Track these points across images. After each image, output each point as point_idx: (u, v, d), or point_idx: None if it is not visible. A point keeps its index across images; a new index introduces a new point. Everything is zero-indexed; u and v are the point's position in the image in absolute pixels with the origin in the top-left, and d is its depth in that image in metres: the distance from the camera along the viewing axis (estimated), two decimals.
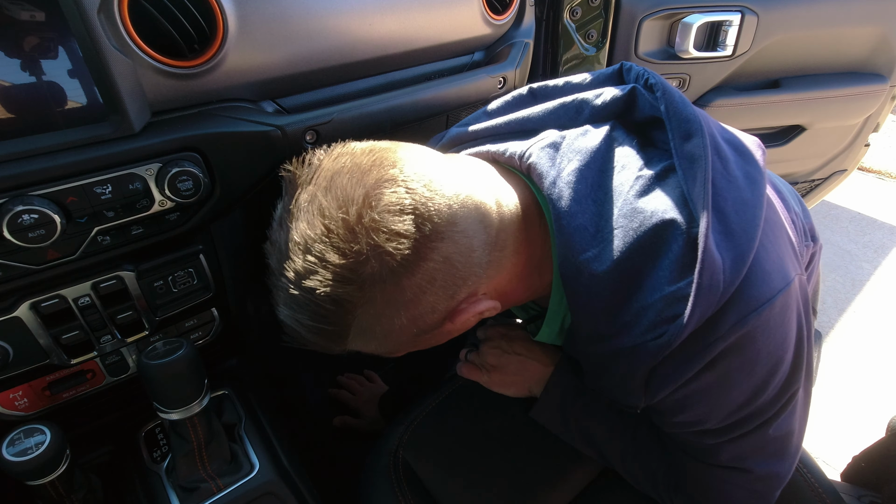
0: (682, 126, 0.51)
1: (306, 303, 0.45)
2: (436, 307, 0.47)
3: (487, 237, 0.48)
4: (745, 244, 0.47)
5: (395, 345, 0.51)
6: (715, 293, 0.45)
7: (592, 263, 0.49)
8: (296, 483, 0.74)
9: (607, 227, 0.50)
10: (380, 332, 0.48)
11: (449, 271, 0.46)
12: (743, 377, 0.50)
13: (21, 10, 0.46)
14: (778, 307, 0.48)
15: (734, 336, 0.47)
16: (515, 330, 0.82)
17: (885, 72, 1.35)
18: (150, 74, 0.54)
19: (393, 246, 0.42)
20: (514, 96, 0.66)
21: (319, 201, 0.44)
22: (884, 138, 3.32)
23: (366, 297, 0.45)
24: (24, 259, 0.54)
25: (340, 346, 0.50)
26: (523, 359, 0.77)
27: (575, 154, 0.53)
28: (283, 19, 0.62)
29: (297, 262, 0.44)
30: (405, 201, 0.43)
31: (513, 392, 0.79)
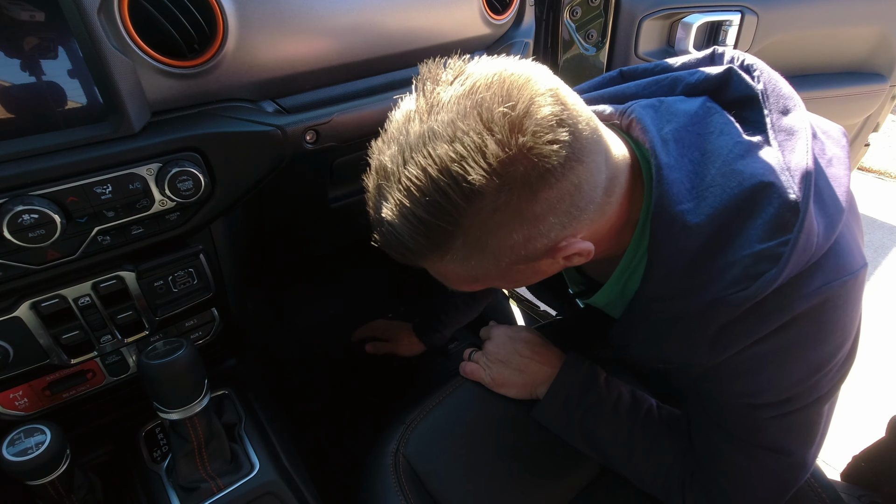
0: (781, 102, 0.53)
1: (433, 192, 0.43)
2: (549, 233, 0.47)
3: (606, 178, 0.49)
4: (835, 215, 0.49)
5: (490, 267, 0.49)
6: (807, 254, 0.47)
7: (688, 215, 0.50)
8: (296, 483, 0.74)
9: (703, 185, 0.51)
10: (491, 246, 0.46)
11: (575, 197, 0.46)
12: (814, 346, 0.51)
13: (21, 10, 0.46)
14: (856, 284, 0.51)
15: (816, 299, 0.49)
16: (520, 332, 0.82)
17: (885, 71, 1.35)
18: (150, 74, 0.54)
19: (549, 150, 0.42)
20: (603, 77, 0.67)
21: (478, 95, 0.43)
22: (884, 138, 3.32)
23: (500, 199, 0.43)
24: (24, 259, 0.54)
25: (439, 256, 0.48)
26: (527, 361, 0.78)
27: (673, 115, 0.55)
28: (283, 19, 0.62)
29: (439, 149, 0.43)
30: (563, 117, 0.44)
31: (515, 393, 0.79)
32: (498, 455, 0.76)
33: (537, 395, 0.77)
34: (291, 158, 0.66)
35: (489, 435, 0.78)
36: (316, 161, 0.77)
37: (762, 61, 0.58)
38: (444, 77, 0.47)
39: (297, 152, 0.66)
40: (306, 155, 0.67)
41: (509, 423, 0.80)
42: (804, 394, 0.55)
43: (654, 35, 1.18)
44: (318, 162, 0.78)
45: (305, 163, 0.73)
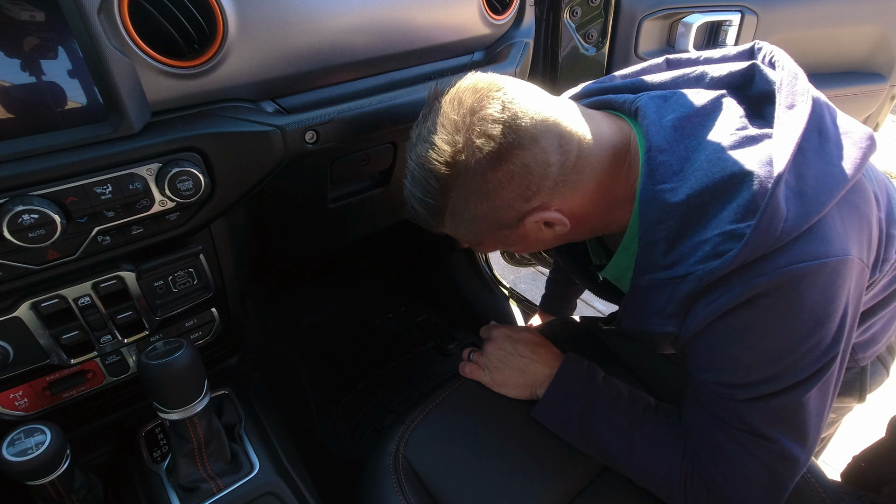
0: (790, 97, 0.56)
1: (420, 179, 0.59)
2: (511, 205, 0.58)
3: (565, 160, 0.57)
4: (813, 207, 0.52)
5: (479, 233, 0.63)
6: (771, 236, 0.50)
7: (667, 194, 0.56)
8: (296, 483, 0.74)
9: (690, 169, 0.56)
10: (467, 217, 0.60)
11: (525, 176, 0.56)
12: (780, 324, 0.53)
13: (21, 10, 0.46)
14: (829, 270, 0.52)
15: (778, 277, 0.51)
16: (520, 332, 0.83)
17: (885, 71, 1.35)
18: (150, 74, 0.54)
19: (482, 142, 0.54)
20: (650, 63, 0.73)
21: (443, 106, 0.57)
22: (884, 138, 3.32)
23: (458, 181, 0.57)
24: (24, 259, 0.54)
25: (439, 224, 0.63)
26: (527, 361, 0.78)
27: (680, 106, 0.61)
28: (283, 19, 0.62)
29: (420, 148, 0.58)
30: (497, 115, 0.54)
31: (515, 393, 0.79)
32: (498, 455, 0.76)
33: (536, 395, 0.77)
34: (291, 158, 0.66)
35: (489, 435, 0.78)
36: (316, 161, 0.77)
37: (789, 57, 0.61)
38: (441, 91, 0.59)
39: (297, 152, 0.66)
40: (306, 155, 0.67)
41: (509, 422, 0.80)
42: (777, 377, 0.56)
43: (654, 35, 1.18)
44: (318, 162, 0.78)
45: (305, 163, 0.73)
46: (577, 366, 0.76)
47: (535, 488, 0.73)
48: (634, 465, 0.69)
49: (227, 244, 0.74)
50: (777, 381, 0.56)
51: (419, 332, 1.51)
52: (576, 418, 0.72)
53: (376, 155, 0.82)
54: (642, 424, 0.70)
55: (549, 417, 0.75)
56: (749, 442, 0.60)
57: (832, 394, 0.59)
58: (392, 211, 1.11)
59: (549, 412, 0.75)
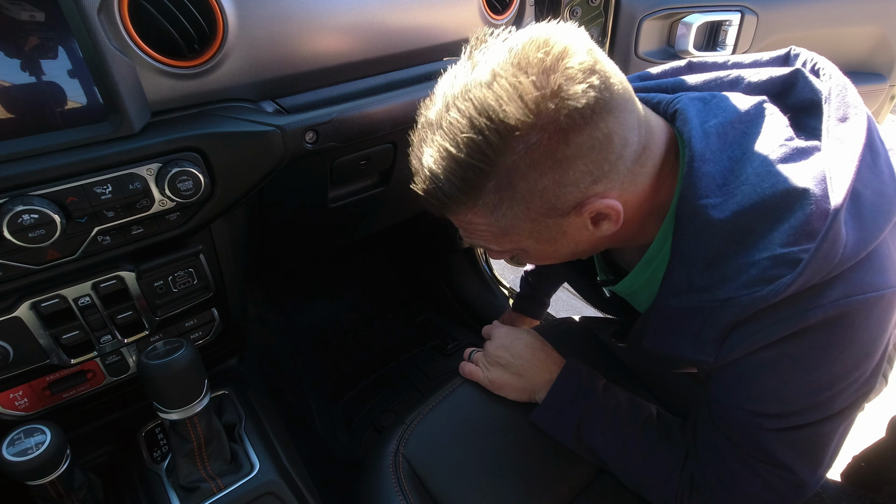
0: (842, 108, 0.51)
1: (471, 131, 0.46)
2: (577, 183, 0.48)
3: (637, 144, 0.50)
4: (872, 231, 0.47)
5: (515, 221, 0.51)
6: (829, 263, 0.45)
7: (711, 210, 0.50)
8: (296, 483, 0.74)
9: (735, 182, 0.50)
10: (520, 189, 0.48)
11: (604, 149, 0.47)
12: (828, 359, 0.49)
13: (21, 10, 0.46)
14: (885, 303, 0.48)
15: (833, 311, 0.47)
16: (521, 335, 0.82)
17: (885, 71, 1.35)
18: (150, 74, 0.54)
19: (580, 90, 0.44)
20: (671, 66, 0.66)
21: (517, 49, 0.46)
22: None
23: (530, 140, 0.45)
24: (24, 259, 0.54)
25: (473, 200, 0.49)
26: (527, 366, 0.77)
27: (722, 110, 0.55)
28: (283, 19, 0.62)
29: (478, 94, 0.45)
30: (595, 68, 0.46)
31: (514, 396, 0.79)
32: (498, 455, 0.76)
33: (536, 399, 0.77)
34: (291, 158, 0.66)
35: (489, 435, 0.78)
36: (316, 161, 0.77)
37: (835, 66, 0.56)
38: (490, 41, 0.49)
39: (297, 152, 0.66)
40: (306, 155, 0.67)
41: (509, 423, 0.80)
42: (811, 410, 0.53)
43: (654, 35, 1.18)
44: (318, 162, 0.78)
45: (305, 163, 0.73)
46: (576, 373, 0.75)
47: (535, 488, 0.73)
48: (632, 474, 0.69)
49: (227, 244, 0.74)
50: (812, 413, 0.53)
51: (419, 332, 1.51)
52: (573, 426, 0.72)
53: (376, 155, 0.82)
54: (641, 437, 0.69)
55: (547, 423, 0.75)
56: (764, 471, 0.57)
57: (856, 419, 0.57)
58: (392, 211, 1.11)
59: (546, 418, 0.74)
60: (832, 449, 0.56)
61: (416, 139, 0.53)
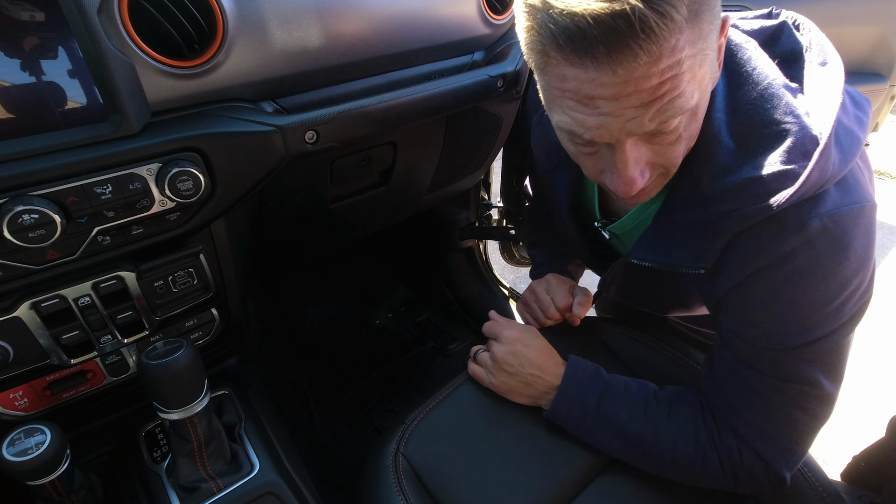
0: (821, 55, 0.58)
1: None
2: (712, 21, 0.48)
3: None
4: (848, 153, 0.54)
5: (699, 40, 0.46)
6: (823, 177, 0.52)
7: (720, 125, 0.55)
8: (296, 483, 0.74)
9: (738, 102, 0.56)
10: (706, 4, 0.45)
11: None
12: (832, 269, 0.54)
13: (21, 10, 0.46)
14: (868, 214, 0.55)
15: (829, 219, 0.52)
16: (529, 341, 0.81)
17: (885, 71, 1.35)
18: (150, 74, 0.54)
19: None
20: None
21: None
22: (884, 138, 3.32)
23: None
24: (24, 259, 0.54)
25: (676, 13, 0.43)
26: (534, 375, 0.77)
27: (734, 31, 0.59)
28: (283, 20, 0.62)
29: None
30: None
31: (519, 401, 0.80)
32: (498, 455, 0.76)
33: (540, 404, 0.78)
34: (291, 158, 0.66)
35: (489, 434, 0.78)
36: (316, 161, 0.77)
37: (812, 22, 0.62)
38: None
39: (297, 152, 0.66)
40: (306, 155, 0.67)
41: (509, 422, 0.80)
42: (826, 320, 0.57)
43: None
44: (318, 162, 0.78)
45: (305, 163, 0.73)
46: (582, 363, 0.78)
47: (536, 487, 0.73)
48: (661, 440, 0.69)
49: (227, 244, 0.74)
50: (826, 324, 0.57)
51: (419, 332, 1.51)
52: (592, 407, 0.74)
53: (376, 155, 0.82)
54: (656, 404, 0.72)
55: (565, 415, 0.76)
56: (791, 390, 0.61)
57: None
58: (392, 211, 1.11)
59: (563, 410, 0.75)
60: (846, 360, 0.61)
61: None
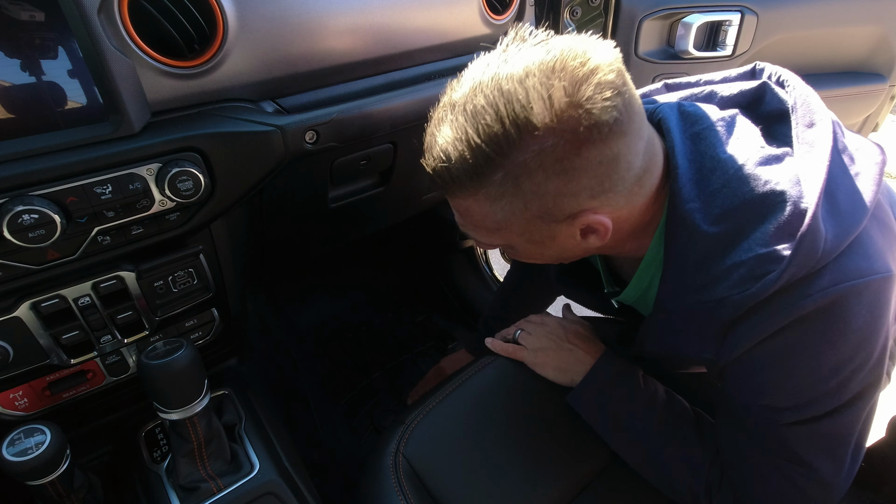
0: (808, 115, 0.55)
1: (494, 121, 0.46)
2: (578, 194, 0.50)
3: (640, 169, 0.52)
4: (850, 224, 0.50)
5: (517, 213, 0.52)
6: (812, 257, 0.48)
7: (696, 213, 0.53)
8: (296, 483, 0.74)
9: (716, 185, 0.53)
10: (525, 187, 0.49)
11: (611, 167, 0.49)
12: (827, 346, 0.51)
13: (21, 10, 0.46)
14: (874, 288, 0.50)
15: (824, 299, 0.49)
16: (573, 323, 0.85)
17: (885, 71, 1.35)
18: (150, 74, 0.54)
19: (604, 106, 0.46)
20: (649, 89, 0.70)
21: (554, 52, 0.47)
22: (883, 138, 3.32)
23: (547, 143, 0.46)
24: (24, 259, 0.54)
25: (476, 187, 0.50)
26: (575, 349, 0.81)
27: (699, 119, 0.57)
28: (283, 19, 0.62)
29: (508, 85, 0.46)
30: (622, 89, 0.47)
31: (553, 376, 0.82)
32: (498, 454, 0.76)
33: (574, 381, 0.79)
34: (291, 158, 0.66)
35: (489, 434, 0.78)
36: (316, 161, 0.77)
37: (798, 77, 0.60)
38: (529, 40, 0.50)
39: (297, 152, 0.66)
40: (306, 155, 0.67)
41: (510, 422, 0.80)
42: (821, 399, 0.54)
43: (654, 35, 1.18)
44: (318, 162, 0.78)
45: (305, 163, 0.73)
46: (615, 358, 0.77)
47: (536, 488, 0.73)
48: (664, 460, 0.69)
49: (227, 244, 0.74)
50: (822, 403, 0.54)
51: (419, 332, 1.51)
52: (610, 407, 0.74)
53: (376, 155, 0.82)
54: (676, 422, 0.71)
55: (584, 404, 0.76)
56: (787, 469, 0.59)
57: (873, 417, 0.58)
58: (392, 211, 1.11)
59: (583, 399, 0.76)
60: (852, 446, 0.57)
61: (436, 117, 0.53)
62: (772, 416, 0.57)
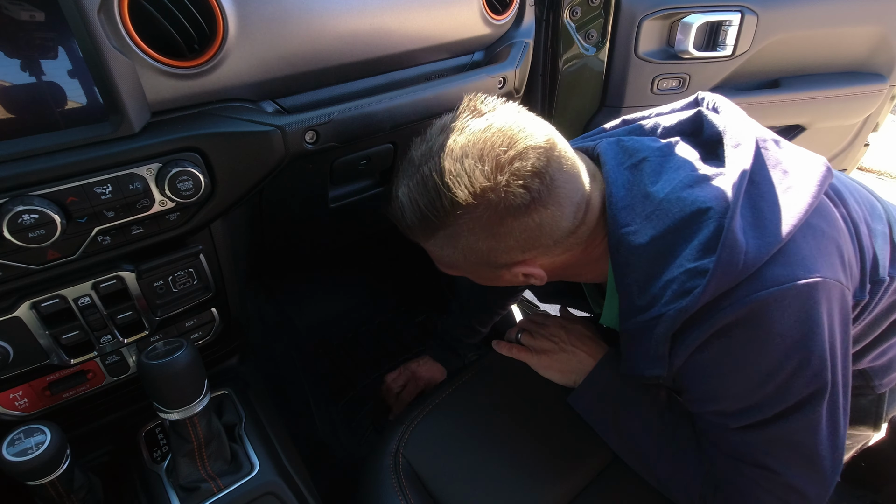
0: (734, 137, 0.60)
1: (431, 191, 0.55)
2: (509, 251, 0.58)
3: (573, 224, 0.59)
4: (772, 236, 0.53)
5: (459, 261, 0.61)
6: (733, 269, 0.52)
7: (631, 236, 0.58)
8: (296, 483, 0.74)
9: (649, 210, 0.58)
10: (461, 244, 0.58)
11: (535, 233, 0.57)
12: (753, 351, 0.54)
13: (21, 10, 0.46)
14: (797, 294, 0.52)
15: (742, 308, 0.52)
16: (574, 323, 0.86)
17: (885, 71, 1.35)
18: (150, 74, 0.54)
19: (518, 192, 0.53)
20: (611, 125, 0.77)
21: (489, 133, 0.54)
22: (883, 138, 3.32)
23: (474, 214, 0.55)
24: (24, 259, 0.54)
25: (425, 238, 0.60)
26: (577, 351, 0.82)
27: (637, 150, 0.63)
28: (283, 19, 0.62)
29: (448, 164, 0.54)
30: (542, 170, 0.54)
31: (557, 378, 0.83)
32: (498, 454, 0.76)
33: (576, 383, 0.80)
34: (291, 158, 0.66)
35: (489, 434, 0.78)
36: (316, 161, 0.77)
37: (728, 101, 0.66)
38: (480, 108, 0.58)
39: (297, 152, 0.66)
40: (306, 155, 0.67)
41: (509, 422, 0.80)
42: (764, 403, 0.56)
43: (654, 35, 1.18)
44: (318, 162, 0.78)
45: (305, 163, 0.73)
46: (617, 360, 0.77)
47: (535, 488, 0.73)
48: (663, 463, 0.70)
49: (227, 244, 0.74)
50: (765, 407, 0.57)
51: (419, 332, 1.51)
52: (610, 410, 0.74)
53: (376, 155, 0.82)
54: (675, 427, 0.71)
55: (585, 406, 0.78)
56: (754, 473, 0.60)
57: (840, 424, 0.58)
58: None
59: (584, 400, 0.77)
60: (825, 458, 0.58)
61: (400, 169, 0.60)
62: (721, 420, 0.60)
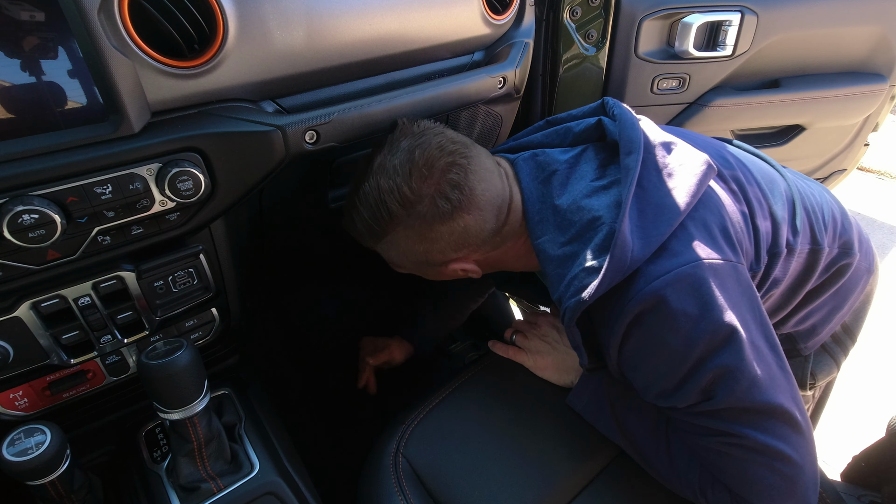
0: (626, 145, 0.67)
1: (373, 205, 0.65)
2: (443, 251, 0.69)
3: (497, 226, 0.69)
4: (654, 236, 0.61)
5: (405, 261, 0.72)
6: (623, 265, 0.59)
7: (545, 245, 0.67)
8: (296, 483, 0.74)
9: (558, 220, 0.67)
10: (402, 248, 0.69)
11: (462, 235, 0.67)
12: (666, 331, 0.60)
13: (21, 10, 0.46)
14: (684, 276, 0.59)
15: (646, 296, 0.59)
16: None
17: (885, 71, 1.35)
18: (150, 74, 0.54)
19: (442, 202, 0.64)
20: (534, 126, 0.83)
21: (415, 154, 0.64)
22: (883, 138, 3.32)
23: (408, 222, 0.65)
24: (24, 259, 0.54)
25: (373, 244, 0.71)
26: (569, 348, 0.84)
27: (549, 164, 0.71)
28: (283, 19, 0.62)
29: (384, 181, 0.64)
30: (460, 181, 0.64)
31: (554, 378, 0.85)
32: (498, 454, 0.76)
33: (573, 382, 0.81)
34: (292, 158, 0.66)
35: (489, 434, 0.78)
36: (316, 161, 0.77)
37: (626, 107, 0.72)
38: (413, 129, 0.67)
39: (297, 152, 0.66)
40: (306, 155, 0.67)
41: (509, 422, 0.80)
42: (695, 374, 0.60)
43: (654, 35, 1.18)
44: (318, 162, 0.78)
45: (305, 163, 0.73)
46: None
47: (536, 487, 0.73)
48: (666, 458, 0.71)
49: (227, 244, 0.74)
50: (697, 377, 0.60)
51: None
52: (608, 406, 0.75)
53: None
54: (667, 425, 0.71)
55: (583, 404, 0.79)
56: (730, 449, 0.62)
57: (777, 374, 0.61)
58: None
59: (581, 399, 0.79)
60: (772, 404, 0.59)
61: (351, 185, 0.70)
62: (669, 402, 0.64)
